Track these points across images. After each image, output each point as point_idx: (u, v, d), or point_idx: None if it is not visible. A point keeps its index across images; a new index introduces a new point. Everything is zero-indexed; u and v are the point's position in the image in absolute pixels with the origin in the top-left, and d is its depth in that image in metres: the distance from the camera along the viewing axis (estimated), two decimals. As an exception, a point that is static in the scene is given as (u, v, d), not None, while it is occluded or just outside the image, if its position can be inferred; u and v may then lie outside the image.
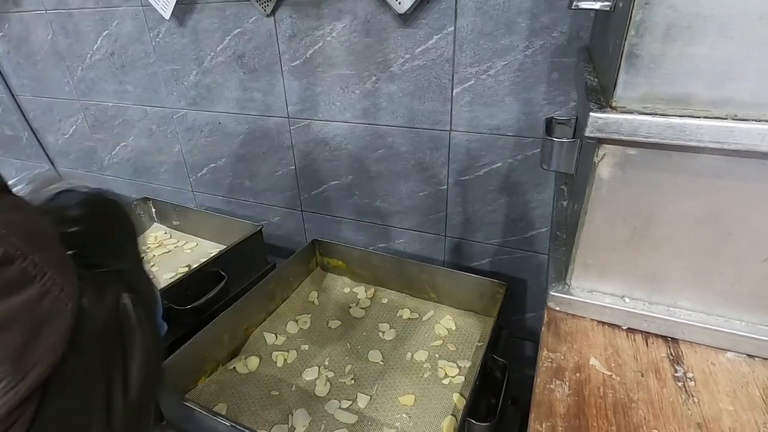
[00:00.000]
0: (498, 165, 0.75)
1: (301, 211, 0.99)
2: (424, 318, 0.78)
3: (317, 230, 0.99)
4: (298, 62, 0.81)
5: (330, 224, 0.97)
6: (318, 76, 0.81)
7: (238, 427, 0.49)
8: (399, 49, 0.73)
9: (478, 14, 0.65)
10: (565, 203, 0.54)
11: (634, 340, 0.37)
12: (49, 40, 1.05)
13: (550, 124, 0.52)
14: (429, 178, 0.82)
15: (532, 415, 0.31)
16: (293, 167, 0.94)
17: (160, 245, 1.00)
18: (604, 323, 0.39)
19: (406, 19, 0.69)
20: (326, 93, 0.82)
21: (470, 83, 0.71)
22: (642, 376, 0.34)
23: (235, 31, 0.84)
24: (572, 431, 0.30)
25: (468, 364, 0.67)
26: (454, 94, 0.72)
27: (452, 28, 0.68)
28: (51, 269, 0.22)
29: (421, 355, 0.69)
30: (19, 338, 0.20)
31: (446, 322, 0.77)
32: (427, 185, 0.83)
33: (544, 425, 0.30)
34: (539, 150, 0.71)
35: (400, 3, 0.66)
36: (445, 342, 0.72)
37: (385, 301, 0.84)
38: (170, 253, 0.97)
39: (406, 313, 0.79)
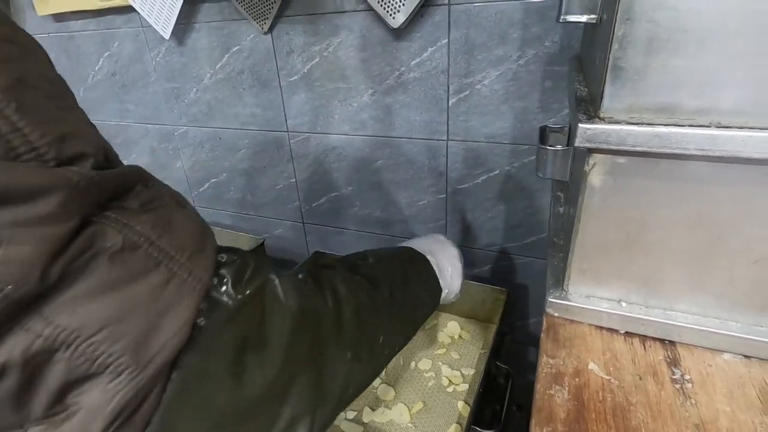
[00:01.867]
0: (495, 173, 0.76)
1: (303, 223, 1.00)
2: (427, 326, 0.79)
3: (319, 242, 1.00)
4: (296, 77, 0.83)
5: (331, 235, 0.98)
6: (316, 90, 0.82)
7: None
8: (394, 62, 0.74)
9: (471, 26, 0.67)
10: (561, 209, 0.55)
11: (632, 343, 0.38)
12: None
13: (544, 133, 0.53)
14: (428, 187, 0.83)
15: (533, 421, 0.32)
16: (294, 180, 0.95)
17: (164, 260, 1.01)
18: (602, 328, 0.40)
19: (401, 32, 0.71)
20: (324, 106, 0.83)
21: (465, 93, 0.72)
22: (640, 379, 0.35)
23: (234, 49, 0.86)
24: (572, 436, 0.30)
25: (472, 372, 0.68)
26: (450, 104, 0.74)
27: (446, 40, 0.69)
28: (179, 253, 0.22)
29: (425, 364, 0.70)
30: (141, 328, 0.20)
31: (449, 330, 0.77)
32: (426, 194, 0.84)
33: (545, 430, 0.31)
34: (535, 157, 0.72)
35: (394, 18, 0.68)
36: (448, 350, 0.73)
37: (387, 310, 0.84)
38: (174, 268, 0.98)
39: (408, 322, 0.80)
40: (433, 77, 0.73)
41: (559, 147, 0.45)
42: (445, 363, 0.70)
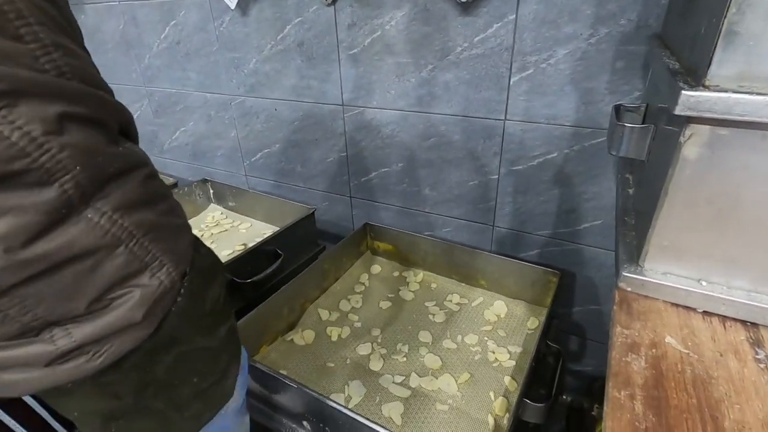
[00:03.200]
0: (553, 155, 0.75)
1: (350, 197, 1.02)
2: (474, 304, 0.79)
3: (364, 216, 1.02)
4: (355, 50, 0.83)
5: (377, 211, 0.99)
6: (374, 64, 0.83)
7: (304, 389, 0.52)
8: (458, 38, 0.74)
9: (541, 2, 0.65)
10: (631, 191, 0.54)
11: (711, 322, 0.37)
12: (120, 29, 1.12)
13: (618, 111, 0.52)
14: (480, 167, 0.82)
15: (609, 384, 0.32)
16: (344, 154, 0.96)
17: (217, 224, 1.05)
18: (678, 305, 0.39)
19: (467, 7, 0.70)
20: (382, 81, 0.84)
21: (529, 72, 0.71)
22: (721, 356, 0.34)
23: (296, 20, 0.87)
24: (652, 401, 0.31)
25: (519, 350, 0.68)
26: (511, 83, 0.73)
27: (513, 16, 0.68)
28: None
29: (471, 339, 0.71)
30: (173, 234, 0.26)
31: (496, 308, 0.77)
32: (477, 174, 0.83)
33: (622, 393, 0.31)
34: (599, 140, 0.70)
35: (464, -9, 0.67)
36: (495, 327, 0.73)
37: (433, 286, 0.85)
38: (227, 232, 1.03)
39: (455, 298, 0.81)
40: (496, 54, 0.72)
41: (636, 124, 0.44)
42: (491, 339, 0.71)
